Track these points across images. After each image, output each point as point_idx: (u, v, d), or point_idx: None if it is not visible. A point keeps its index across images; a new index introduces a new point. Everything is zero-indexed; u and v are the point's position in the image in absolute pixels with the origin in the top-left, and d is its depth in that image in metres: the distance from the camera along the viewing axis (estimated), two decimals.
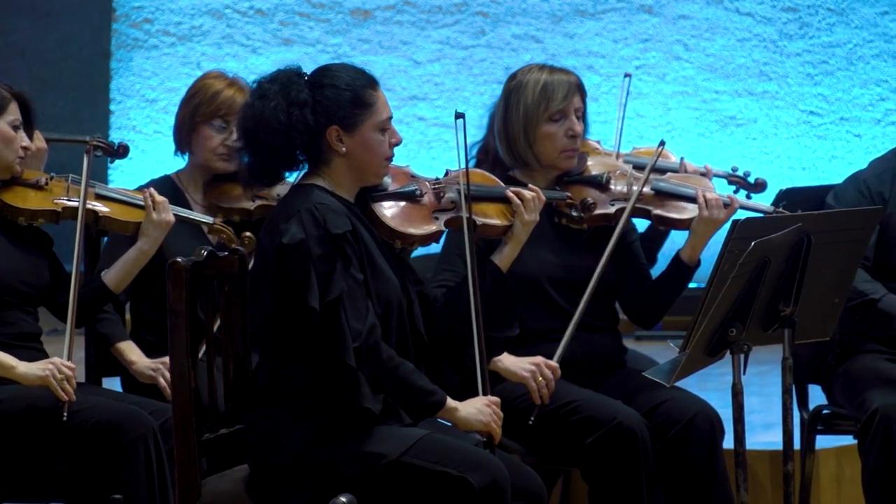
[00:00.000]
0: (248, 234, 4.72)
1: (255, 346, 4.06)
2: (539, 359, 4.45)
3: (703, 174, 5.08)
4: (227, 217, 4.86)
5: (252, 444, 3.95)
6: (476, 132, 4.87)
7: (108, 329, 4.75)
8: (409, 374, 3.89)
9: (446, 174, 4.35)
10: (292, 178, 4.08)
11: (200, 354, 4.21)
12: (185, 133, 4.92)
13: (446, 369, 4.18)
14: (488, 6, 9.51)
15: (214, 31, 9.68)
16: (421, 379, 3.92)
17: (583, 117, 4.68)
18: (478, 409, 3.98)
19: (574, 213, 4.57)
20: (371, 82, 4.01)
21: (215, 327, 4.13)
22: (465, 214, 4.14)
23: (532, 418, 4.41)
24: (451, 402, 3.96)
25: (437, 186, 4.26)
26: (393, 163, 4.12)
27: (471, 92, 9.44)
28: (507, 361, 4.44)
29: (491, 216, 4.36)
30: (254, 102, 3.95)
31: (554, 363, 4.44)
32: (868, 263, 4.77)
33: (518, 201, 4.36)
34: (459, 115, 4.06)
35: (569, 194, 4.59)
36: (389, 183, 4.16)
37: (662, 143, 4.74)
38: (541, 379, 4.42)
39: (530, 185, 4.43)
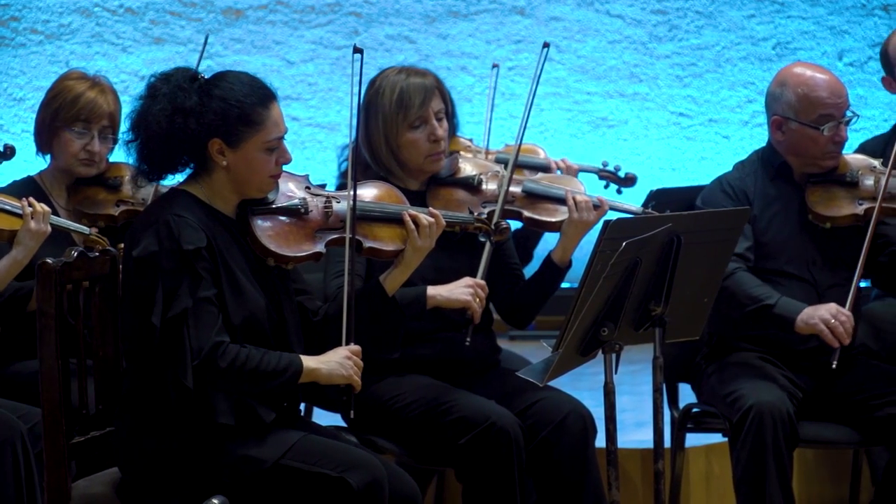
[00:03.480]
0: (122, 245, 4.64)
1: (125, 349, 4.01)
2: (469, 279, 4.45)
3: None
4: (91, 223, 4.77)
5: (123, 448, 3.89)
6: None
7: (13, 288, 4.59)
8: (258, 364, 3.79)
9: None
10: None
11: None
12: (46, 136, 4.84)
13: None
14: (361, 6, 9.48)
15: (83, 29, 9.54)
16: (271, 360, 3.82)
17: (446, 116, 4.66)
18: (338, 362, 3.91)
19: (482, 239, 4.50)
20: (264, 99, 3.90)
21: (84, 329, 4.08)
22: (348, 235, 4.02)
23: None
24: (309, 363, 3.87)
25: (326, 203, 4.09)
26: (292, 171, 4.05)
27: (344, 92, 9.37)
28: (443, 292, 4.43)
29: (381, 239, 4.18)
30: (143, 100, 3.89)
31: (481, 281, 4.44)
32: (750, 264, 4.81)
33: (412, 226, 4.19)
34: (358, 50, 3.98)
35: (481, 217, 4.47)
36: (276, 196, 4.01)
37: (546, 45, 4.71)
38: (478, 299, 4.42)
39: (431, 210, 4.28)
